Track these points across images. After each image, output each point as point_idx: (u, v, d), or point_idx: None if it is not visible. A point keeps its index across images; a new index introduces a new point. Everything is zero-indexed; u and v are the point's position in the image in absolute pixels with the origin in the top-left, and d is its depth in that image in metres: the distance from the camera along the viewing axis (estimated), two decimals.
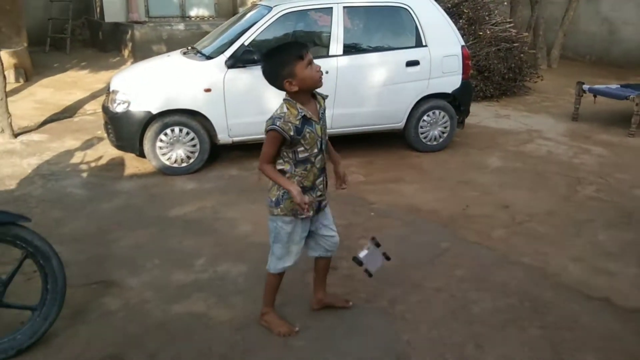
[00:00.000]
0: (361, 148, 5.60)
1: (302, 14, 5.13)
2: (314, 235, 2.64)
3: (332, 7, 5.08)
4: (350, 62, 5.11)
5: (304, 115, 2.31)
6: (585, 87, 6.94)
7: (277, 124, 2.27)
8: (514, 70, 8.36)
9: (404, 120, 5.47)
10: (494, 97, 8.23)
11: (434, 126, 5.57)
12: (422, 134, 5.57)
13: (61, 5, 11.11)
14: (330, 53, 5.07)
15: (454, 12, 8.61)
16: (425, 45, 5.32)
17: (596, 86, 7.12)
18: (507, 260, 3.38)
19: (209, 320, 2.77)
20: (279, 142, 2.32)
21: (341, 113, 5.15)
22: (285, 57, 2.28)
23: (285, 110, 2.32)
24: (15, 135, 5.69)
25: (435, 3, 5.54)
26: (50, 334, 2.56)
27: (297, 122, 2.29)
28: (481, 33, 8.29)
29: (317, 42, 5.29)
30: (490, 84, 8.19)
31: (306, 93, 2.36)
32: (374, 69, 5.20)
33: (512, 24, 9.05)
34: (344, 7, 5.12)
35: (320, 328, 2.70)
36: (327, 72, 4.98)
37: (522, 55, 8.54)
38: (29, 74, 8.38)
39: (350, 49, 5.16)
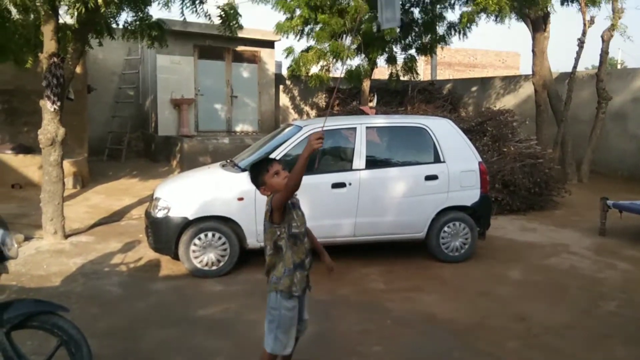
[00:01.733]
0: (383, 256, 5.81)
1: (329, 132, 5.65)
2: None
3: (356, 127, 5.62)
4: (372, 175, 5.51)
5: (292, 200, 2.87)
6: (610, 202, 7.04)
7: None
8: (539, 184, 8.57)
9: (425, 231, 5.70)
10: (520, 211, 8.38)
11: (455, 237, 5.76)
12: (443, 244, 5.75)
13: (121, 120, 12.41)
14: (354, 167, 5.51)
15: (478, 130, 9.15)
16: (443, 161, 5.70)
17: (621, 202, 7.21)
18: None
19: None
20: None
21: (363, 222, 5.46)
22: (256, 171, 2.92)
23: None
24: (66, 237, 6.22)
25: (452, 123, 6.01)
26: None
27: (289, 202, 2.85)
28: (505, 149, 8.70)
29: (342, 157, 5.77)
30: (516, 198, 8.39)
31: None
32: (394, 182, 5.58)
33: (536, 141, 9.46)
34: (367, 127, 5.65)
35: None
36: (350, 184, 5.41)
37: (547, 170, 8.80)
38: (85, 181, 9.23)
39: (372, 163, 5.59)
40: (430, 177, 5.64)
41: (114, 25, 6.90)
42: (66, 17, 6.21)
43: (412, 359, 3.59)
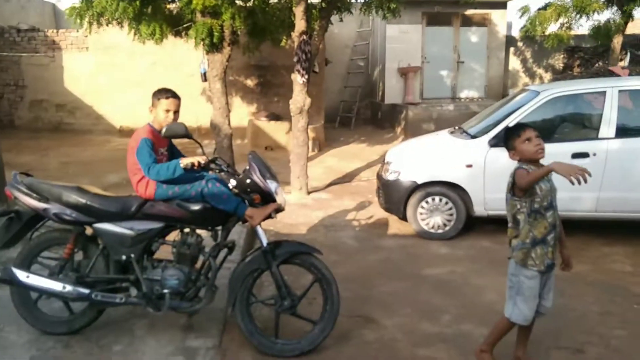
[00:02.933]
0: (631, 236, 5.17)
1: (571, 97, 5.22)
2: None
3: (605, 91, 5.03)
4: (623, 145, 4.90)
5: None
6: None
7: (524, 166, 2.79)
8: None
9: None
10: None
11: None
12: None
13: (351, 90, 13.29)
14: (600, 136, 4.98)
15: None
16: None
17: None
18: None
19: None
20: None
21: (609, 197, 4.94)
22: (508, 134, 2.91)
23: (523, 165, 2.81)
24: (309, 193, 7.10)
25: None
26: (322, 347, 3.24)
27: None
28: None
29: (585, 125, 5.26)
30: None
31: (532, 163, 2.78)
32: None
33: None
34: (619, 90, 5.01)
35: None
36: (594, 154, 4.93)
37: None
38: (322, 145, 10.28)
39: (624, 132, 4.96)
40: None
41: (352, 1, 7.41)
42: None
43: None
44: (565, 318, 3.65)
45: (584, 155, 4.96)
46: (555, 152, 5.04)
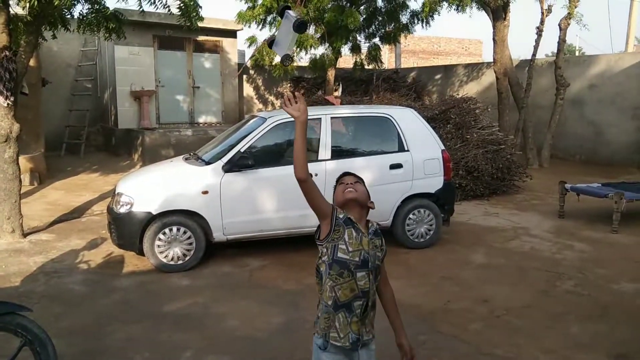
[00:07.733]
0: None
1: (293, 124, 5.64)
2: None
3: (321, 118, 5.63)
4: (337, 165, 5.53)
5: (349, 217, 2.21)
6: (568, 186, 7.29)
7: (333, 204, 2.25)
8: (502, 170, 8.80)
9: (391, 218, 5.78)
10: (484, 196, 8.58)
11: (420, 224, 5.88)
12: (409, 231, 5.86)
13: (78, 114, 12.04)
14: (320, 158, 5.53)
15: (441, 118, 9.30)
16: (407, 150, 5.79)
17: (578, 185, 7.48)
18: (480, 352, 3.51)
19: None
20: (329, 208, 2.19)
21: None
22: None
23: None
24: (25, 235, 6.03)
25: (415, 113, 6.11)
26: None
27: (342, 216, 2.18)
28: (468, 136, 8.88)
29: (308, 148, 5.70)
30: (479, 184, 8.59)
31: (352, 211, 2.23)
32: (360, 172, 5.35)
33: (498, 128, 9.69)
34: (331, 117, 5.68)
35: None
36: (316, 175, 5.42)
37: (509, 156, 9.04)
38: (42, 177, 8.95)
39: (337, 153, 5.63)
40: (395, 166, 5.72)
41: (68, 16, 6.65)
42: (17, 8, 5.97)
43: (378, 342, 3.64)
44: (299, 330, 3.84)
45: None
46: (284, 173, 5.44)
